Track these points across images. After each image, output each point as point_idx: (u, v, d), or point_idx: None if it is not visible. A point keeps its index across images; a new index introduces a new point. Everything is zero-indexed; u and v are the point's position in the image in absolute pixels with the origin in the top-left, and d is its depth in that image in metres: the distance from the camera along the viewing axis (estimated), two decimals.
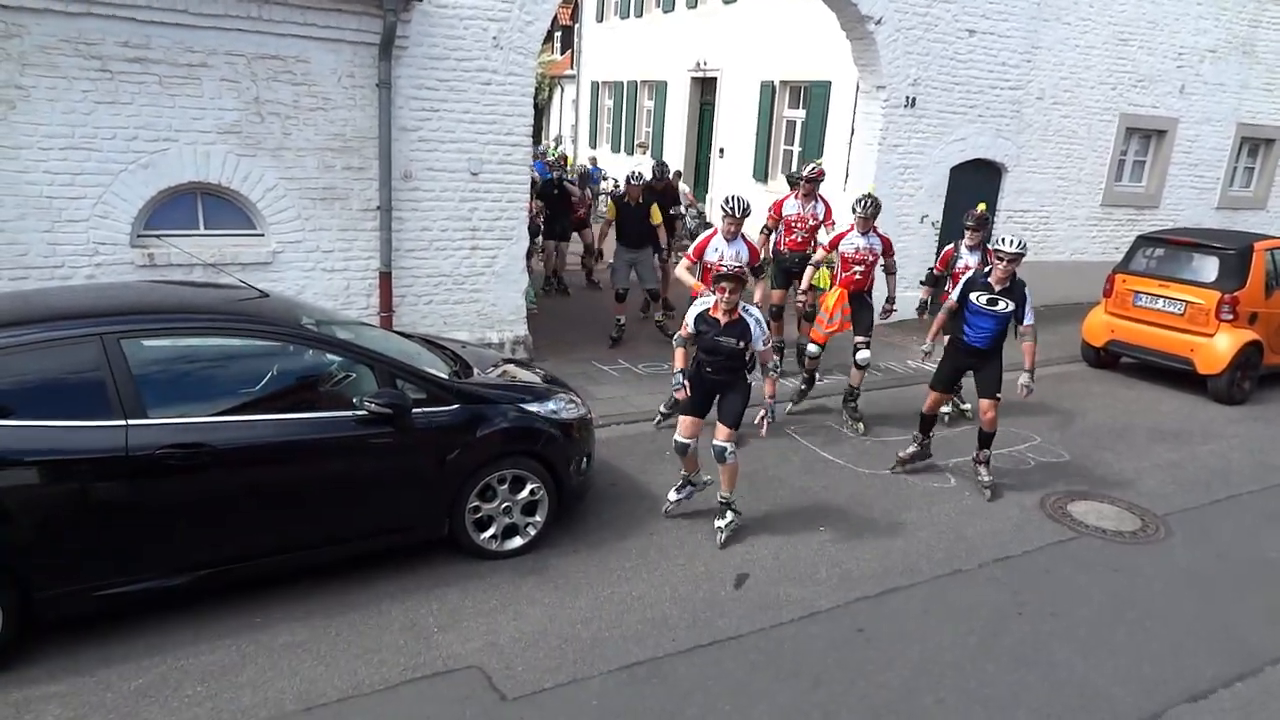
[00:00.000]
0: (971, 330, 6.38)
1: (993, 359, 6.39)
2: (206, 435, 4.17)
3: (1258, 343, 9.07)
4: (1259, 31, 13.38)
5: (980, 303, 6.28)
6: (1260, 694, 4.35)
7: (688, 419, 5.53)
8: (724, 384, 5.47)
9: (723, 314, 5.25)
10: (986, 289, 6.28)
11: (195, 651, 4.16)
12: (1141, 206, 13.47)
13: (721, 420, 5.48)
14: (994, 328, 6.31)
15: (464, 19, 7.75)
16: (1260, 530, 6.22)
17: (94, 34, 6.47)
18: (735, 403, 5.46)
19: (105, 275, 6.80)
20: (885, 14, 10.12)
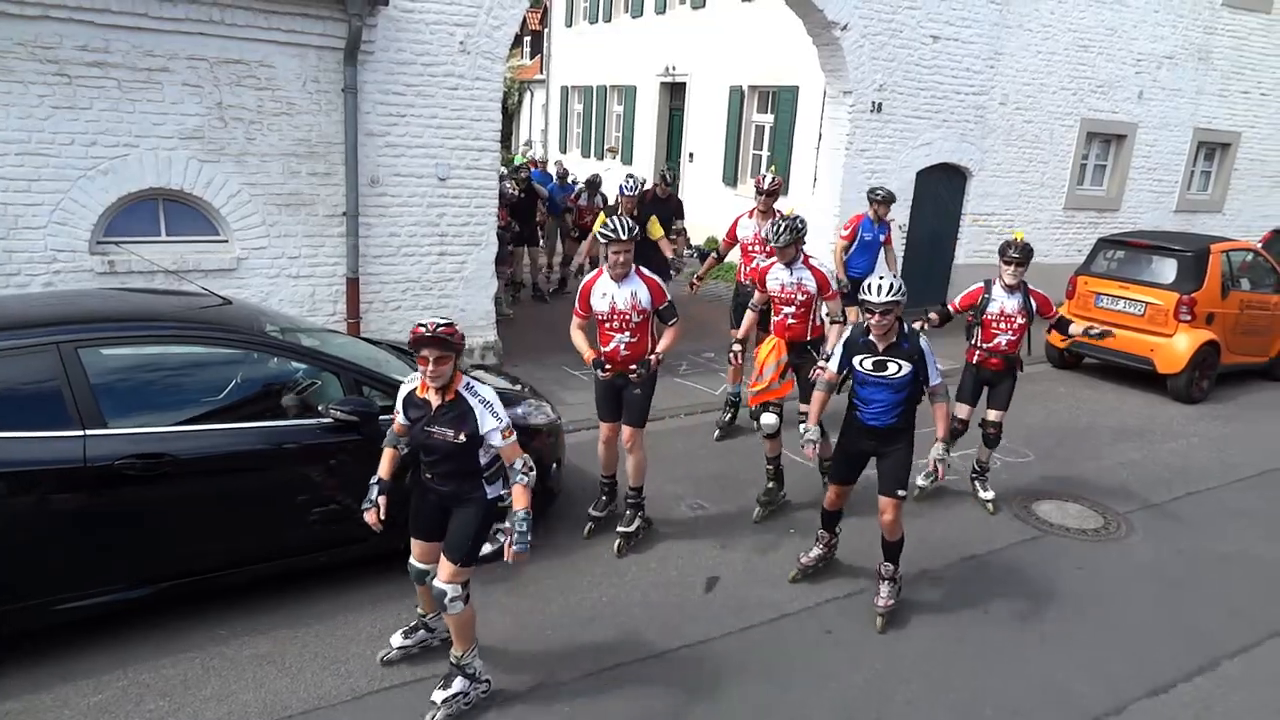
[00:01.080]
0: (863, 406, 4.81)
1: (896, 440, 4.82)
2: (167, 445, 4.11)
3: (1215, 342, 9.26)
4: (1214, 39, 13.68)
5: (865, 369, 4.73)
6: (1218, 686, 4.44)
7: (418, 543, 4.06)
8: (450, 496, 3.87)
9: (433, 394, 3.73)
10: (869, 350, 4.72)
11: (158, 665, 4.09)
12: (1103, 210, 13.70)
13: (445, 551, 3.85)
14: (891, 399, 4.73)
15: (430, 24, 7.72)
16: (1220, 526, 6.35)
17: (51, 38, 6.37)
18: (465, 526, 3.83)
19: (64, 283, 6.68)
20: (851, 20, 10.22)
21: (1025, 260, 6.09)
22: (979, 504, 6.45)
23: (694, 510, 6.11)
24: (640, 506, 5.59)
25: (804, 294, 6.07)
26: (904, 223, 11.56)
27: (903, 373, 4.67)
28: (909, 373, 4.67)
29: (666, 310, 5.27)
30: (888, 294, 4.49)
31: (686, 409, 8.07)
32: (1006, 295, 6.12)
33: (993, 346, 6.19)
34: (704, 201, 15.16)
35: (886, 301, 4.51)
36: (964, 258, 12.47)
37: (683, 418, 7.92)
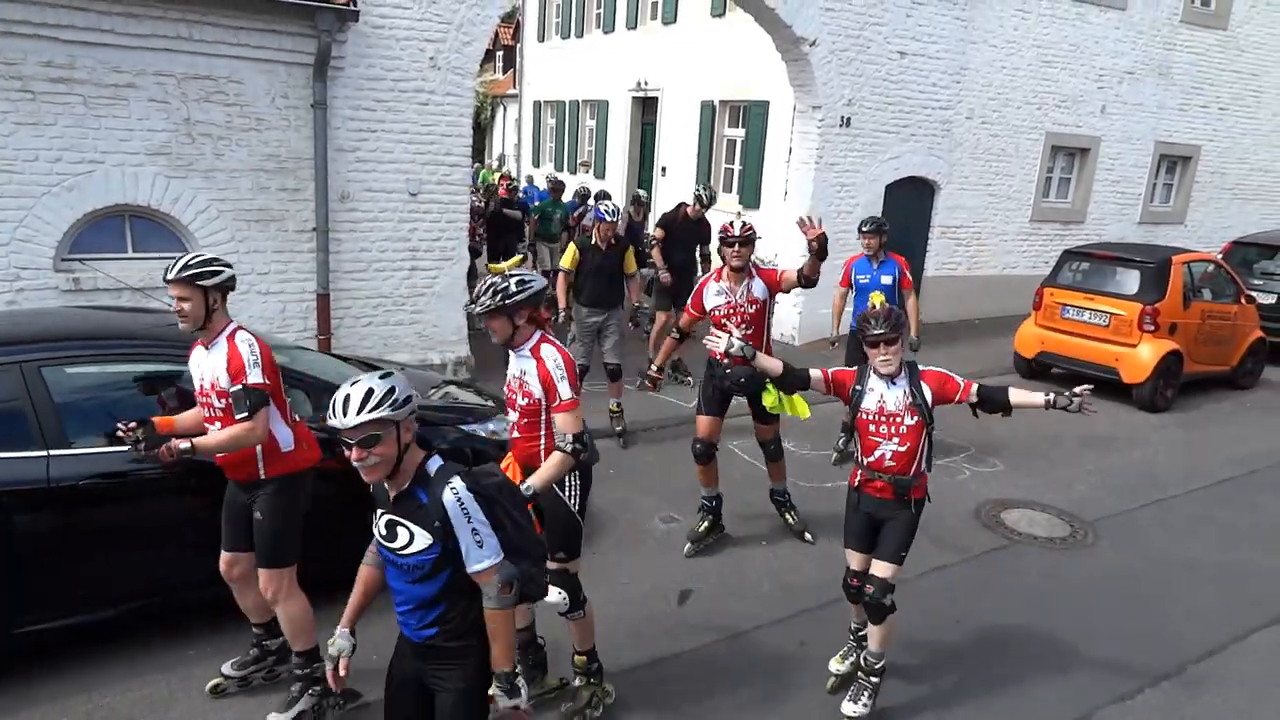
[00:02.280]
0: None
1: None
2: (133, 465, 4.06)
3: (1178, 352, 9.43)
4: (1174, 54, 13.99)
5: None
6: (1183, 692, 4.51)
7: None
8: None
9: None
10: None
11: (125, 688, 4.03)
12: (1068, 222, 13.93)
13: None
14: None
15: (400, 39, 7.73)
16: (1184, 533, 6.45)
17: (14, 54, 6.31)
18: None
19: (28, 301, 6.59)
20: (819, 36, 10.35)
21: (895, 335, 3.92)
22: (950, 515, 6.51)
23: (666, 523, 6.12)
24: None
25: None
26: None
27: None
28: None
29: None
30: None
31: (659, 422, 8.09)
32: (886, 386, 3.99)
33: (875, 462, 4.05)
34: None
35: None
36: (934, 269, 12.63)
37: (655, 430, 7.93)
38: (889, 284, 6.92)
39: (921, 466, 4.07)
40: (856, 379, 4.12)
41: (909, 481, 4.03)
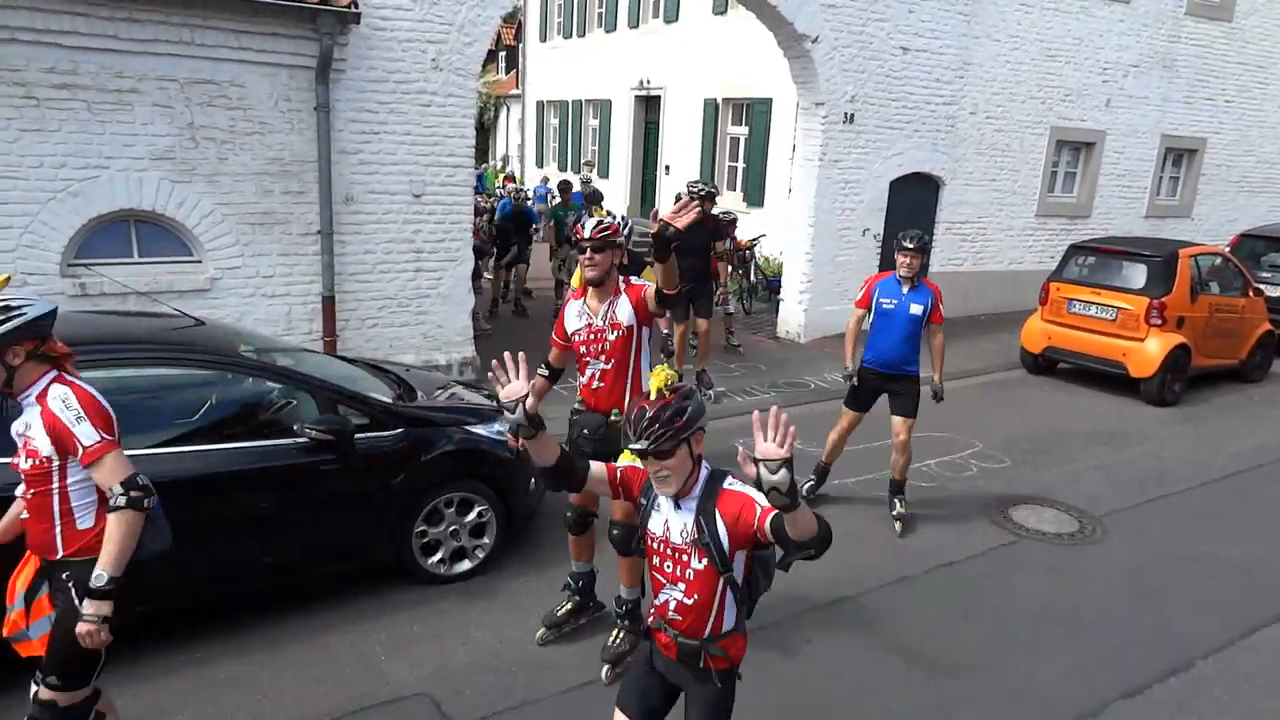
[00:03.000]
0: None
1: None
2: (140, 469, 4.06)
3: (1186, 346, 9.39)
4: (1178, 47, 13.93)
5: None
6: (1192, 687, 4.49)
7: None
8: None
9: None
10: None
11: (133, 691, 4.04)
12: (1074, 216, 13.89)
13: None
14: None
15: (402, 41, 7.73)
16: (1192, 527, 6.43)
17: (17, 60, 6.33)
18: None
19: None
20: (822, 32, 10.33)
21: (669, 447, 2.56)
22: (957, 511, 6.49)
23: None
24: None
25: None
26: (879, 231, 11.66)
27: None
28: None
29: None
30: None
31: None
32: (672, 507, 2.71)
33: (660, 608, 2.84)
34: None
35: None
36: (939, 265, 12.59)
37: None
38: (918, 314, 5.82)
39: (724, 626, 2.77)
40: (643, 487, 2.79)
41: (697, 647, 2.76)
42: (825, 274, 11.22)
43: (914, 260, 5.82)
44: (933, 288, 5.91)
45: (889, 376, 5.97)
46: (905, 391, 5.97)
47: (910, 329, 5.85)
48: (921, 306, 5.84)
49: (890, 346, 5.91)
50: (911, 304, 5.84)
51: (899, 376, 5.94)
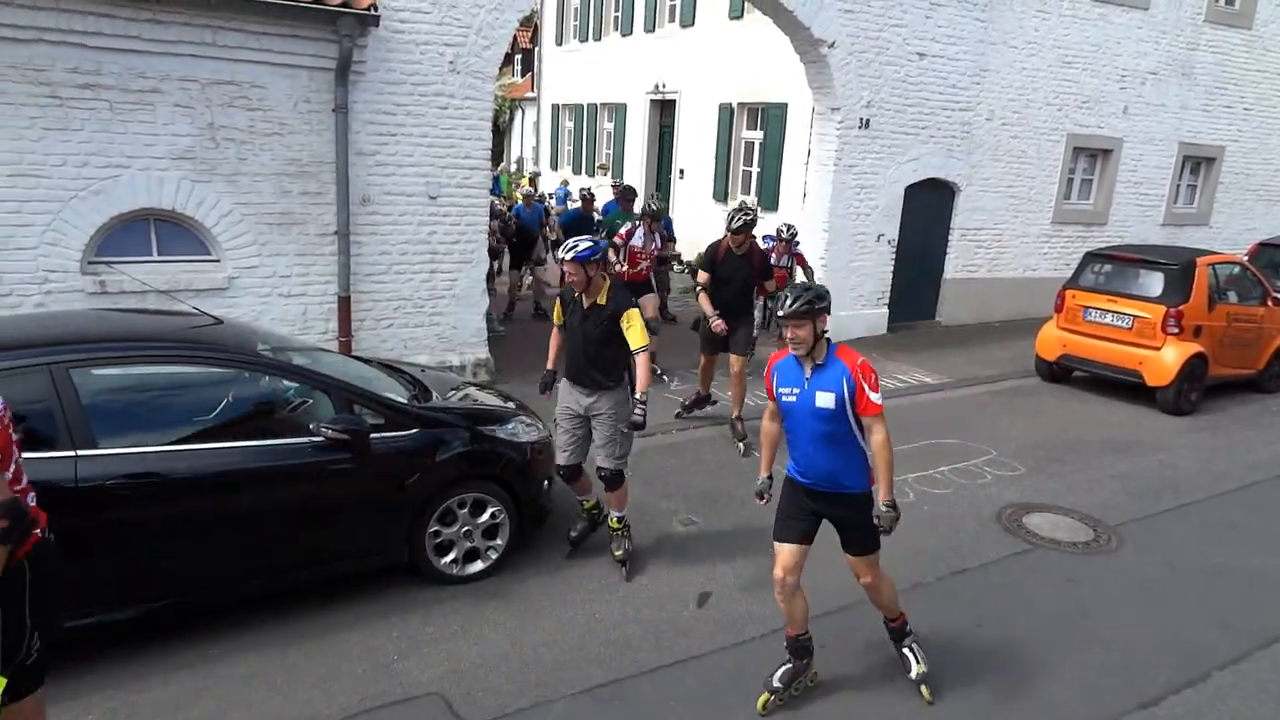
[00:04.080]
0: None
1: None
2: (158, 465, 4.12)
3: (1203, 355, 9.32)
4: (1197, 54, 13.85)
5: None
6: (1208, 699, 4.45)
7: None
8: None
9: None
10: None
11: (147, 686, 4.07)
12: (1090, 224, 13.82)
13: None
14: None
15: (421, 44, 7.78)
16: (1208, 538, 6.38)
17: (43, 60, 6.41)
18: None
19: (55, 303, 6.69)
20: (838, 38, 10.33)
21: None
22: (971, 518, 6.47)
23: (685, 526, 6.12)
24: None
25: None
26: (893, 237, 11.64)
27: None
28: None
29: None
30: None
31: (678, 425, 8.09)
32: None
33: None
34: (695, 218, 15.24)
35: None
36: (954, 272, 12.57)
37: (674, 434, 7.93)
38: (829, 408, 3.92)
39: None
40: None
41: None
42: (840, 279, 11.20)
43: (799, 329, 3.87)
44: (849, 363, 3.95)
45: (822, 496, 4.09)
46: (851, 518, 4.10)
47: (825, 430, 3.94)
48: (832, 395, 3.89)
49: (807, 457, 4.07)
50: (817, 394, 3.93)
51: (837, 496, 4.06)
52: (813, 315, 3.89)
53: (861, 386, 3.90)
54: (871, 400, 3.90)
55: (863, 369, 3.93)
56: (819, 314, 3.91)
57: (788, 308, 3.85)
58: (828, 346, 4.01)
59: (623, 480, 5.39)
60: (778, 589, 4.20)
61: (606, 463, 5.27)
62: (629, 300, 5.19)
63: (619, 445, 5.27)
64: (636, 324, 5.06)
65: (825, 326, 3.98)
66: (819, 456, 4.02)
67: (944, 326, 12.62)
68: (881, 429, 3.93)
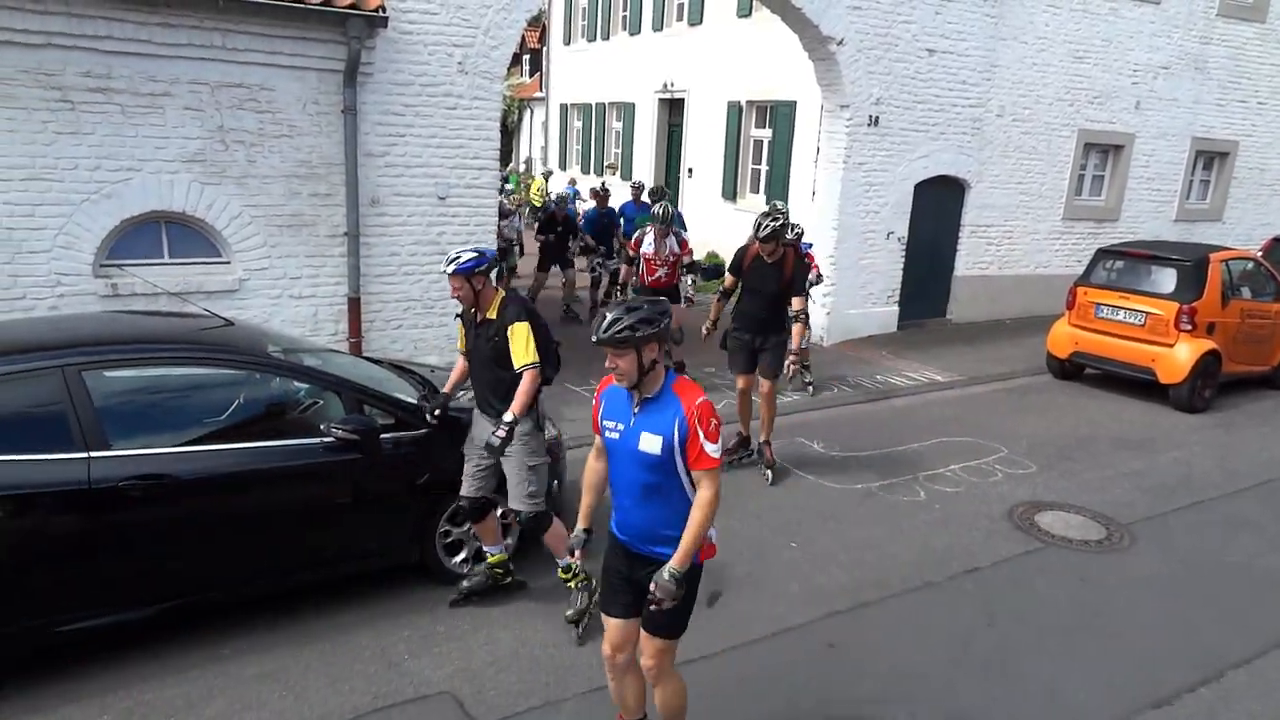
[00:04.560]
0: None
1: None
2: (170, 466, 4.14)
3: (1216, 352, 9.26)
4: (1210, 48, 13.75)
5: None
6: (1222, 698, 4.42)
7: None
8: None
9: None
10: None
11: (161, 685, 4.10)
12: (1101, 220, 13.74)
13: None
14: None
15: (429, 45, 7.79)
16: (1222, 536, 6.33)
17: (54, 65, 6.44)
18: None
19: (68, 306, 6.73)
20: (847, 35, 10.30)
21: None
22: (982, 516, 6.44)
23: None
24: None
25: None
26: (903, 234, 11.60)
27: None
28: None
29: None
30: None
31: None
32: None
33: None
34: (704, 217, 15.22)
35: None
36: (964, 269, 12.52)
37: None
38: (654, 455, 3.25)
39: None
40: None
41: None
42: (849, 277, 11.17)
43: (618, 358, 3.18)
44: (686, 402, 3.20)
45: (638, 560, 3.42)
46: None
47: (646, 479, 3.28)
48: (659, 439, 3.20)
49: (624, 510, 3.42)
50: (642, 435, 3.24)
51: (652, 562, 3.32)
52: (635, 343, 3.15)
53: (696, 433, 3.17)
54: (706, 452, 3.18)
55: (701, 412, 3.19)
56: (645, 341, 3.15)
57: (601, 331, 3.16)
58: (665, 378, 3.29)
59: (548, 523, 4.81)
60: (606, 666, 3.61)
61: (518, 504, 4.69)
62: (520, 313, 4.60)
63: (530, 483, 4.67)
64: (521, 337, 4.52)
65: (655, 355, 3.22)
66: (636, 510, 3.35)
67: (954, 324, 12.57)
68: (710, 487, 3.20)
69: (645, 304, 3.26)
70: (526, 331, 4.57)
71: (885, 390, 9.52)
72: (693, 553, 3.21)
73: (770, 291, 6.54)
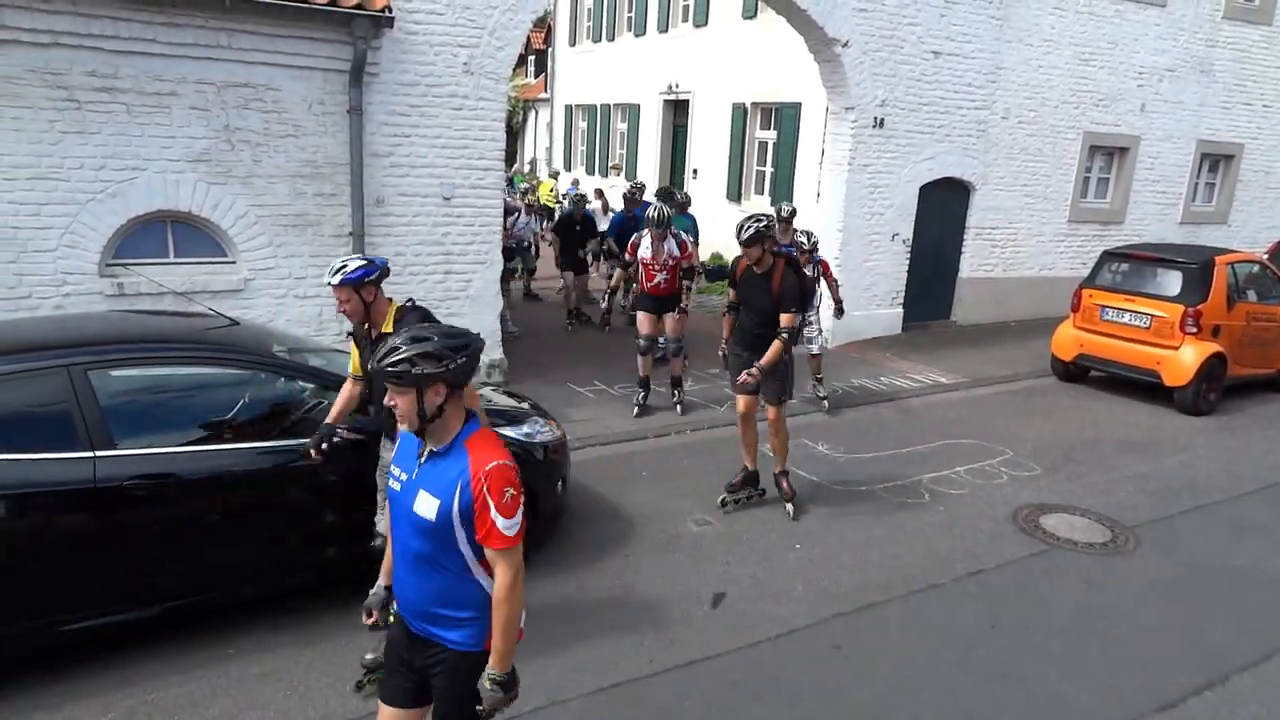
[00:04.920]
0: None
1: None
2: (175, 466, 4.14)
3: (1222, 355, 9.23)
4: (1216, 51, 13.72)
5: None
6: (1228, 702, 4.41)
7: None
8: None
9: None
10: None
11: (165, 685, 4.10)
12: (1107, 222, 13.71)
13: None
14: None
15: (435, 45, 7.80)
16: (1228, 539, 6.32)
17: (61, 64, 6.46)
18: None
19: (73, 305, 6.74)
20: (852, 37, 10.29)
21: None
22: (987, 519, 6.43)
23: (700, 525, 6.10)
24: None
25: None
26: (908, 236, 11.59)
27: None
28: None
29: None
30: None
31: (692, 425, 8.08)
32: None
33: None
34: (708, 218, 15.20)
35: None
36: (969, 271, 12.50)
37: (689, 433, 7.93)
38: (428, 521, 2.69)
39: None
40: None
41: None
42: (854, 279, 11.15)
43: (397, 395, 2.60)
44: (476, 463, 2.62)
45: (415, 642, 2.85)
46: (443, 687, 2.83)
47: (420, 548, 2.70)
48: (436, 504, 2.63)
49: (399, 580, 2.84)
50: (420, 493, 2.67)
51: (428, 646, 2.82)
52: (414, 381, 2.56)
53: (485, 504, 2.59)
54: (499, 528, 2.60)
55: (492, 479, 2.59)
56: (428, 381, 2.56)
57: (376, 360, 2.62)
58: (461, 430, 2.68)
59: None
60: None
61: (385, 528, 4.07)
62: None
63: None
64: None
65: (441, 399, 2.59)
66: (409, 580, 2.76)
67: (959, 326, 12.55)
68: (508, 571, 2.66)
69: (438, 335, 2.63)
70: None
71: (890, 392, 9.50)
72: (510, 654, 2.74)
73: (762, 306, 6.01)
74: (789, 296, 5.87)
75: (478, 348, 2.70)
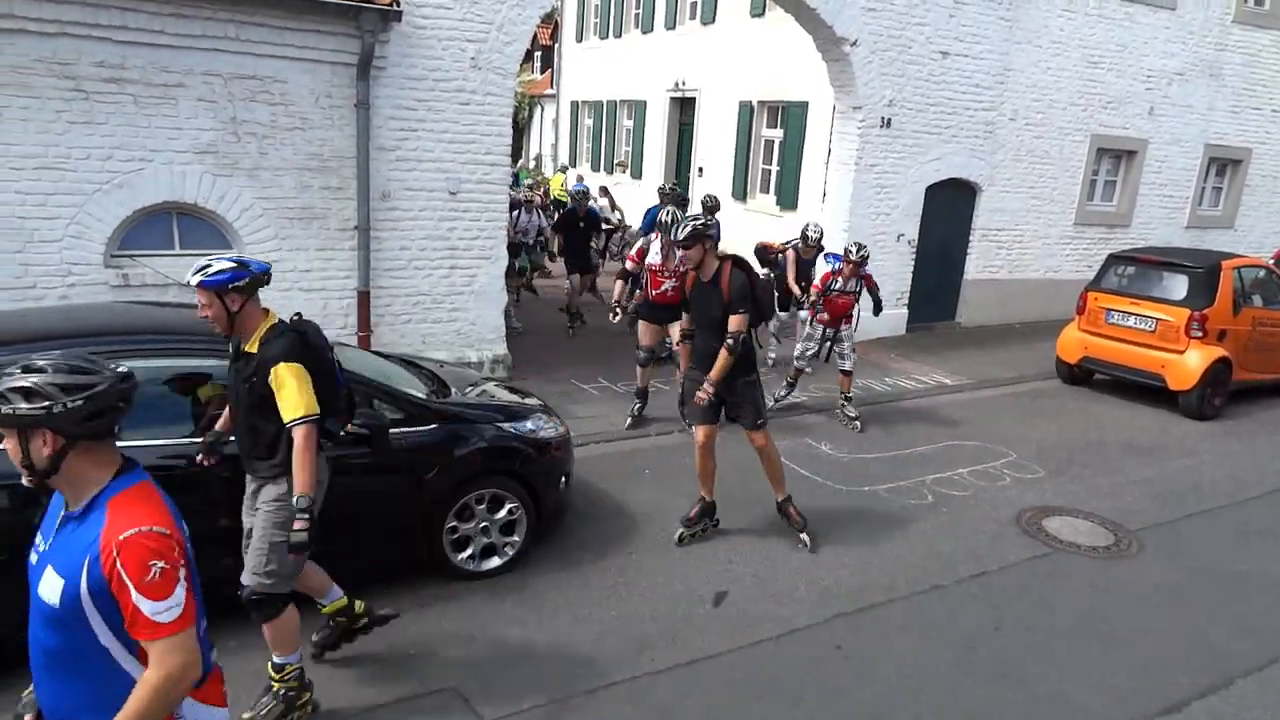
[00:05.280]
0: None
1: None
2: (180, 458, 4.13)
3: (1227, 359, 9.21)
4: (1225, 55, 13.68)
5: None
6: (1232, 706, 4.39)
7: None
8: None
9: None
10: None
11: None
12: (1113, 225, 13.68)
13: None
14: None
15: (442, 40, 7.79)
16: (1232, 544, 6.30)
17: (69, 54, 6.45)
18: None
19: (78, 296, 6.74)
20: (860, 36, 10.27)
21: None
22: (990, 521, 6.42)
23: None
24: None
25: None
26: (914, 237, 11.56)
27: None
28: None
29: None
30: None
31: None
32: None
33: None
34: None
35: None
36: (975, 272, 12.48)
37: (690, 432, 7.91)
38: (51, 611, 2.08)
39: None
40: None
41: None
42: None
43: (6, 435, 2.09)
44: (112, 531, 2.04)
45: None
46: None
47: (45, 641, 2.13)
48: (61, 583, 2.06)
49: (36, 682, 2.22)
50: (47, 569, 2.12)
51: None
52: (16, 423, 2.03)
53: (122, 584, 1.99)
54: (144, 613, 2.01)
55: (129, 550, 2.00)
56: (29, 424, 2.03)
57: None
58: (111, 482, 2.12)
59: (277, 610, 3.76)
60: None
61: (248, 579, 3.70)
62: (285, 349, 3.53)
63: (270, 560, 3.66)
64: (290, 382, 3.45)
65: (50, 449, 2.06)
66: (43, 684, 2.17)
67: (964, 327, 12.53)
68: (162, 666, 2.02)
69: (55, 369, 2.07)
70: (298, 375, 3.47)
71: (894, 393, 9.49)
72: None
73: (713, 318, 5.38)
74: (738, 297, 5.29)
75: (112, 392, 2.08)
